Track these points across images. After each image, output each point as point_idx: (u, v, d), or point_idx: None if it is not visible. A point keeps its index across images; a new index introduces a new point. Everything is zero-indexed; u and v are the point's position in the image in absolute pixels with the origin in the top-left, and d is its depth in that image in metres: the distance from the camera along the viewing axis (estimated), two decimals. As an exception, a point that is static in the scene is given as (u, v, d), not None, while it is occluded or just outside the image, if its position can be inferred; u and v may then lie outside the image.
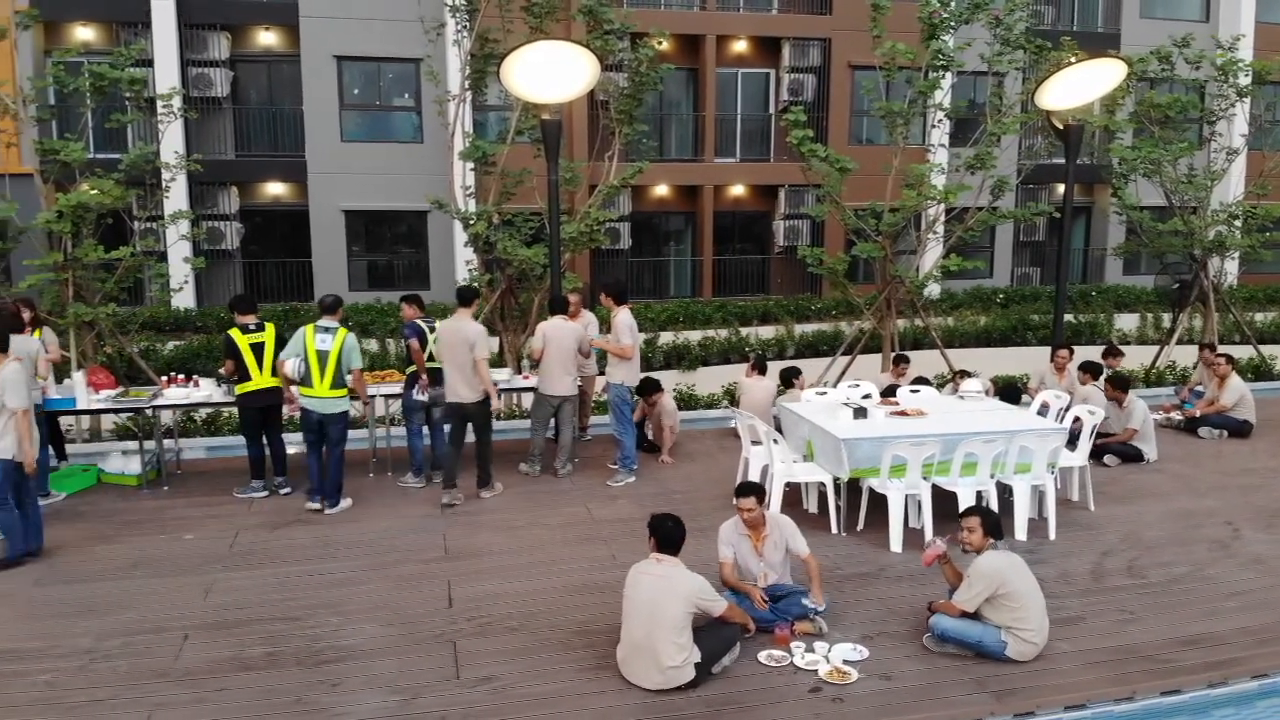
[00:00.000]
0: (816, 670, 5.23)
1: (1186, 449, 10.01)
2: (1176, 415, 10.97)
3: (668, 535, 5.16)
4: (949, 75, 12.65)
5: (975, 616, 5.42)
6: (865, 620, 5.90)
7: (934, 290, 21.76)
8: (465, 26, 11.89)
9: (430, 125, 19.95)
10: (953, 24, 12.12)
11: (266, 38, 20.47)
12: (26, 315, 8.53)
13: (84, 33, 19.70)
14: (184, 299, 18.15)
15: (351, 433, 8.32)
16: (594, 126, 17.20)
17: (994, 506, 7.08)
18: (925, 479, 7.27)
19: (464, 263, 15.85)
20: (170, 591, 6.29)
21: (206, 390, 8.76)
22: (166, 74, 18.64)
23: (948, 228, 13.73)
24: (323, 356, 7.71)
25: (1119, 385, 9.74)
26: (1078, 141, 10.76)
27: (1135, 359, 14.72)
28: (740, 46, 22.40)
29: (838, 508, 7.50)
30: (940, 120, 12.98)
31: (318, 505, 7.92)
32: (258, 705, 4.87)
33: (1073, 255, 25.07)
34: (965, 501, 7.07)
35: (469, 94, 12.40)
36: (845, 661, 5.32)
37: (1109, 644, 5.59)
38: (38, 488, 8.19)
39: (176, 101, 11.76)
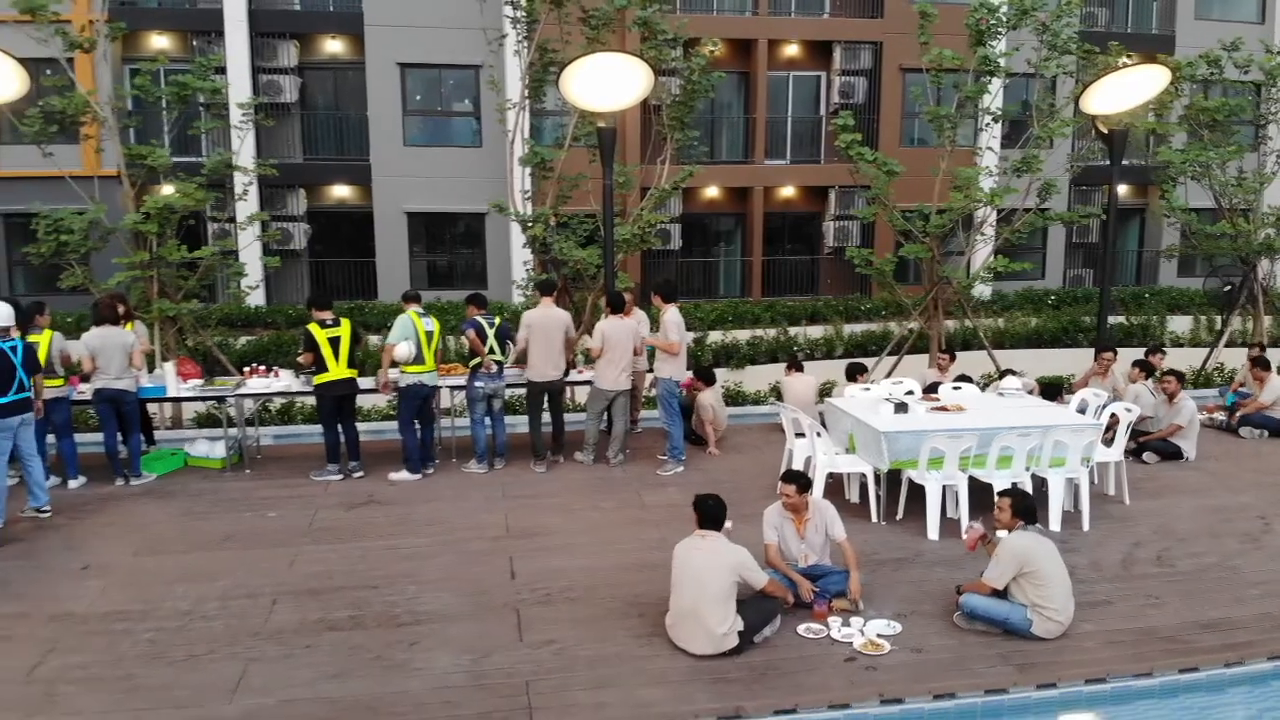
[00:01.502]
0: (852, 642, 5.63)
1: (1226, 448, 10.18)
2: (1220, 415, 11.11)
3: (710, 512, 5.61)
4: (997, 80, 12.87)
5: (1003, 595, 5.78)
6: (900, 600, 6.27)
7: (985, 291, 21.89)
8: (525, 37, 12.43)
9: (488, 130, 20.62)
10: (1000, 30, 12.37)
11: (333, 46, 21.32)
12: (120, 309, 9.25)
13: (159, 41, 20.68)
14: (254, 297, 18.96)
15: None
16: (646, 131, 17.68)
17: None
18: (962, 471, 7.60)
19: (521, 263, 16.43)
20: (259, 562, 6.89)
21: (285, 380, 9.43)
22: (238, 81, 19.52)
23: (997, 229, 13.92)
24: (430, 337, 8.80)
25: (1178, 379, 9.93)
26: (1122, 145, 10.94)
27: (1186, 361, 14.79)
28: (792, 50, 22.71)
29: (878, 497, 7.87)
30: (988, 124, 13.21)
31: (420, 474, 9.05)
32: (342, 661, 5.42)
33: (1126, 257, 24.96)
34: (1000, 494, 7.41)
35: (528, 101, 12.94)
36: (879, 635, 5.71)
37: (1132, 626, 5.90)
38: (131, 470, 8.95)
39: (252, 112, 12.49)
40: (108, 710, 4.94)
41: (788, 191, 23.52)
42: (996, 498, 5.96)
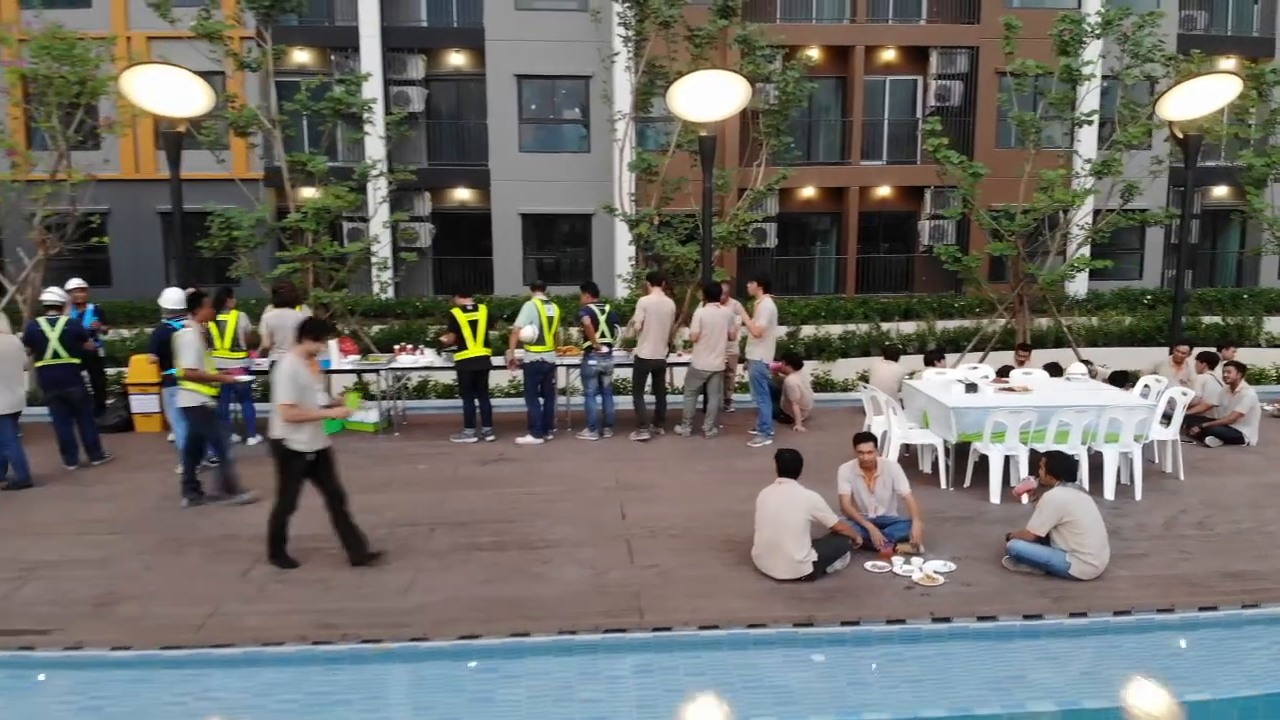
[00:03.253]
0: (911, 575, 6.66)
1: (1290, 435, 10.75)
2: (1287, 407, 11.63)
3: (787, 464, 6.77)
4: (1086, 85, 13.48)
5: (1046, 542, 6.71)
6: (957, 548, 7.24)
7: (1080, 290, 22.21)
8: (635, 54, 13.69)
9: (596, 136, 22.01)
10: (1084, 40, 13.03)
11: (456, 59, 23.08)
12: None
13: (300, 56, 22.75)
14: (377, 289, 20.83)
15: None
16: (745, 135, 18.74)
17: (1084, 471, 8.25)
18: (1023, 444, 8.49)
19: (626, 259, 17.70)
20: (415, 502, 8.31)
21: (429, 358, 10.94)
22: (371, 93, 21.27)
23: (1083, 229, 14.48)
24: (550, 321, 10.13)
25: (1238, 369, 10.58)
26: (1196, 150, 11.53)
27: (1273, 360, 15.09)
28: (888, 55, 23.41)
29: (947, 467, 8.82)
30: (1071, 128, 13.84)
31: (543, 439, 10.41)
32: (489, 571, 6.75)
33: (1227, 258, 24.81)
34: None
35: (636, 112, 14.21)
36: (935, 571, 6.72)
37: (1163, 573, 6.76)
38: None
39: (375, 122, 14.07)
40: (310, 600, 6.36)
41: (883, 191, 24.21)
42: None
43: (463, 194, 23.58)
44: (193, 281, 10.47)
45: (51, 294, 10.17)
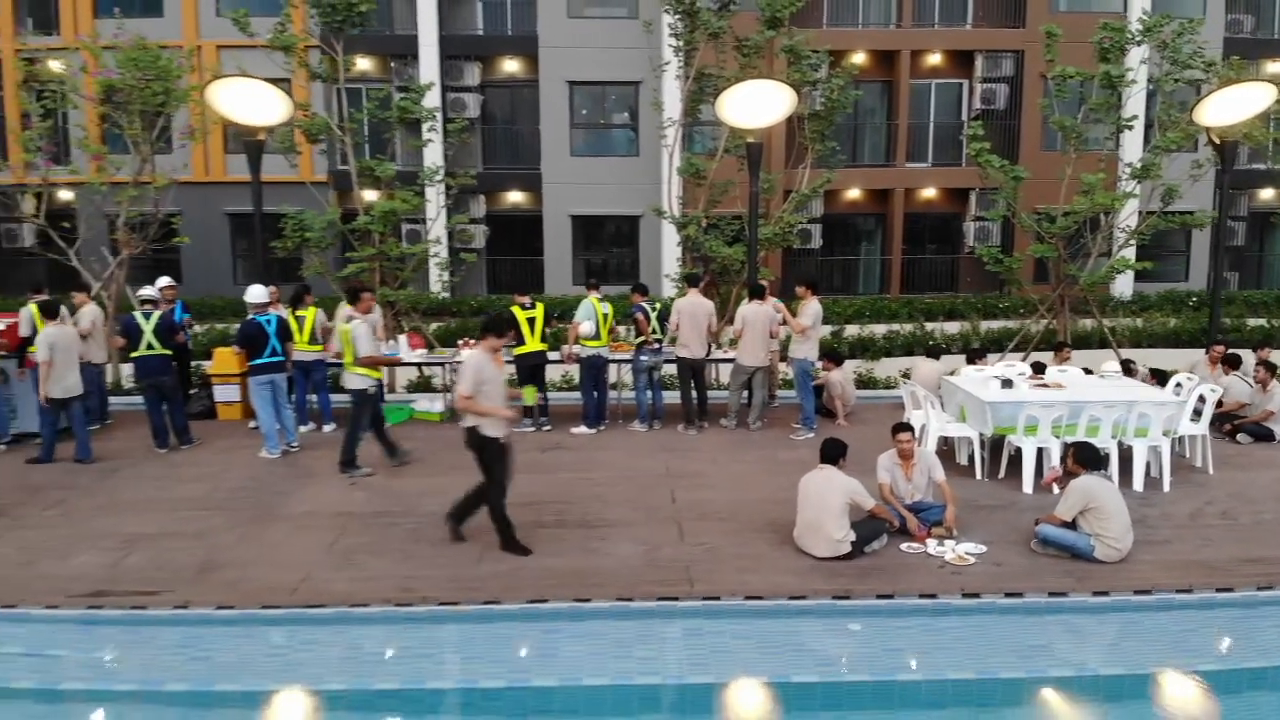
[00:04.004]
0: (943, 556, 7.14)
1: (1323, 433, 10.96)
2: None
3: (828, 451, 7.29)
4: (1128, 90, 13.76)
5: (1072, 526, 7.15)
6: (990, 533, 7.68)
7: (1125, 291, 22.35)
8: (685, 64, 14.25)
9: (645, 140, 22.61)
10: (1125, 47, 13.32)
11: (510, 66, 23.83)
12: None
13: (361, 64, 23.61)
14: (439, 288, 21.63)
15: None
16: (790, 139, 19.20)
17: (1114, 464, 8.64)
18: (1056, 437, 8.89)
19: (674, 259, 18.27)
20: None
21: (490, 352, 11.59)
22: (429, 99, 22.14)
23: (1124, 231, 14.73)
24: (605, 318, 10.71)
25: (1268, 369, 10.88)
26: (1232, 155, 11.79)
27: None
28: (934, 59, 23.72)
29: (982, 459, 9.26)
30: (1113, 133, 14.12)
31: (596, 429, 11.03)
32: (553, 546, 7.36)
33: (1273, 261, 24.75)
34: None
35: (686, 119, 14.77)
36: (967, 552, 7.19)
37: (1184, 558, 7.15)
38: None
39: (438, 130, 14.78)
40: (393, 567, 7.02)
41: (929, 193, 24.51)
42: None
43: (515, 196, 24.34)
44: (262, 280, 11.16)
45: (147, 290, 10.98)
